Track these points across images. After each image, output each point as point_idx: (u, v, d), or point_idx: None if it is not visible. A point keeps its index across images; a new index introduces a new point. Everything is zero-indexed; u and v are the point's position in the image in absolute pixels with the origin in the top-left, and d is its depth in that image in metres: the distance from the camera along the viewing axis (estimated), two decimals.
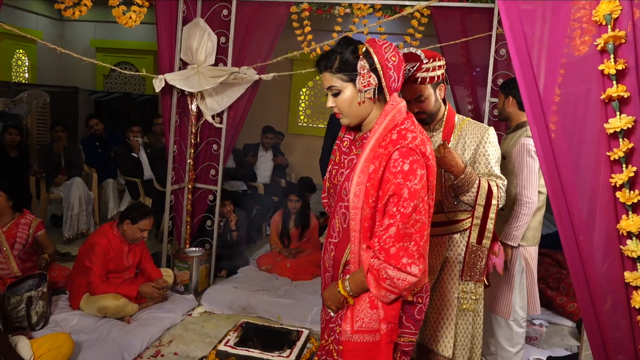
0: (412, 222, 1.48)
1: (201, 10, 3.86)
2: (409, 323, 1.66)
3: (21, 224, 3.60)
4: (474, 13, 3.54)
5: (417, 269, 1.48)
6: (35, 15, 9.66)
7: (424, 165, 1.51)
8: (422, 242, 1.50)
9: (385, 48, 1.57)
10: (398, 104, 1.58)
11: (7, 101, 6.65)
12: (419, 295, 1.66)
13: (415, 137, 1.53)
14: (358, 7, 3.66)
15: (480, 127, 2.13)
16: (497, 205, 2.03)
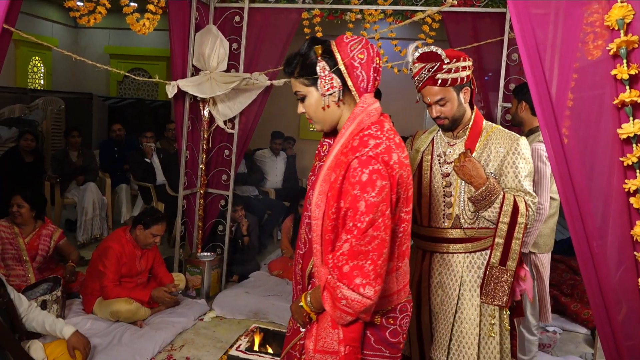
0: (369, 238, 1.32)
1: (213, 17, 3.90)
2: (380, 346, 1.50)
3: (43, 235, 3.63)
4: (485, 18, 3.53)
5: (371, 291, 1.32)
6: (51, 23, 9.81)
7: (386, 176, 1.34)
8: (379, 261, 1.33)
9: (351, 46, 1.43)
10: (368, 106, 1.44)
11: (23, 107, 6.76)
12: (390, 316, 1.50)
13: (378, 145, 1.38)
14: (369, 12, 3.67)
15: (510, 136, 1.93)
16: (524, 224, 1.84)
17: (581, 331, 3.68)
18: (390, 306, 1.49)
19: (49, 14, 9.68)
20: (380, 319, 1.49)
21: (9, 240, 3.48)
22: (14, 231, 3.51)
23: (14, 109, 6.62)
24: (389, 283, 1.47)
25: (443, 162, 1.98)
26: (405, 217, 1.47)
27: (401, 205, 1.44)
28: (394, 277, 1.49)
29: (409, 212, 1.48)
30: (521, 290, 1.94)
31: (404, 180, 1.42)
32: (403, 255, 1.50)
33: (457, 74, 1.85)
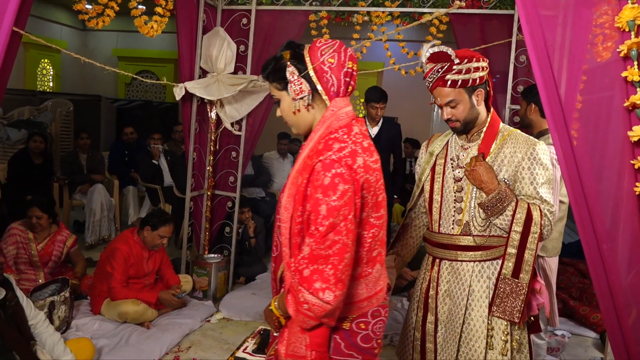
0: (329, 242, 1.31)
1: (221, 20, 3.91)
2: (351, 351, 1.48)
3: (57, 241, 3.66)
4: (493, 19, 3.52)
5: (331, 296, 1.31)
6: (60, 26, 9.89)
7: (349, 180, 1.33)
8: (341, 266, 1.32)
9: (322, 50, 1.44)
10: (338, 110, 1.44)
11: (32, 109, 6.82)
12: (360, 322, 1.48)
13: (342, 148, 1.37)
14: (376, 14, 3.67)
15: (527, 140, 1.82)
16: (538, 233, 1.73)
17: (590, 335, 3.65)
18: (360, 312, 1.48)
19: (58, 16, 9.76)
20: (349, 324, 1.47)
21: (22, 245, 3.51)
22: (28, 237, 3.54)
23: (23, 111, 6.68)
24: (357, 289, 1.46)
25: (456, 166, 1.91)
26: (375, 223, 1.45)
27: (369, 210, 1.42)
28: (363, 283, 1.47)
29: (379, 217, 1.46)
30: (539, 304, 1.83)
31: (370, 185, 1.41)
32: (374, 261, 1.48)
33: (468, 75, 1.76)
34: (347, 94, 1.48)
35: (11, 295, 2.55)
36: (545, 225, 1.75)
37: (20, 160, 5.05)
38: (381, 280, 1.54)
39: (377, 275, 1.50)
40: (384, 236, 1.52)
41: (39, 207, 3.53)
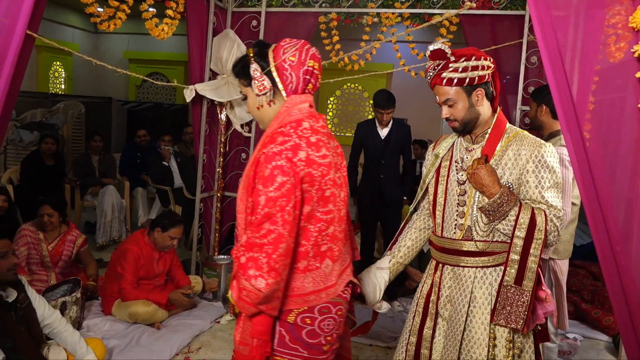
0: (264, 231, 1.36)
1: (231, 22, 3.93)
2: (295, 345, 1.50)
3: (67, 241, 3.70)
4: (504, 20, 3.50)
5: (262, 283, 1.35)
6: (72, 29, 9.99)
7: (289, 172, 1.37)
8: (275, 255, 1.36)
9: (285, 48, 1.51)
10: (292, 106, 1.49)
11: (45, 111, 6.89)
12: (306, 316, 1.50)
13: (285, 142, 1.42)
14: (386, 16, 3.66)
15: (533, 142, 1.72)
16: (542, 239, 1.65)
17: (602, 338, 3.61)
18: (306, 306, 1.49)
19: (70, 19, 9.86)
20: (294, 317, 1.49)
21: (33, 246, 3.55)
22: (38, 237, 3.58)
23: (35, 113, 6.75)
24: (303, 282, 1.48)
25: (460, 168, 1.86)
26: (321, 217, 1.47)
27: (314, 204, 1.45)
28: (310, 277, 1.49)
29: (327, 212, 1.48)
30: (546, 312, 1.76)
31: (314, 179, 1.43)
32: (323, 256, 1.50)
33: (465, 73, 1.71)
34: (306, 91, 1.53)
35: (23, 297, 2.57)
36: (551, 231, 1.67)
37: (32, 161, 5.10)
38: (333, 277, 1.54)
39: (327, 271, 1.51)
40: (337, 233, 1.53)
41: (50, 205, 3.57)
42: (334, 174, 1.51)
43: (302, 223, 1.44)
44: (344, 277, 1.61)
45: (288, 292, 1.47)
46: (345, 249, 1.64)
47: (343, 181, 1.59)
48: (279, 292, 1.42)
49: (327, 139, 1.53)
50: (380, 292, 1.97)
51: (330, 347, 1.56)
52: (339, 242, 1.55)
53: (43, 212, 3.56)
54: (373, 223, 4.19)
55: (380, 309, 2.02)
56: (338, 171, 1.55)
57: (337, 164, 1.56)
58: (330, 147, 1.52)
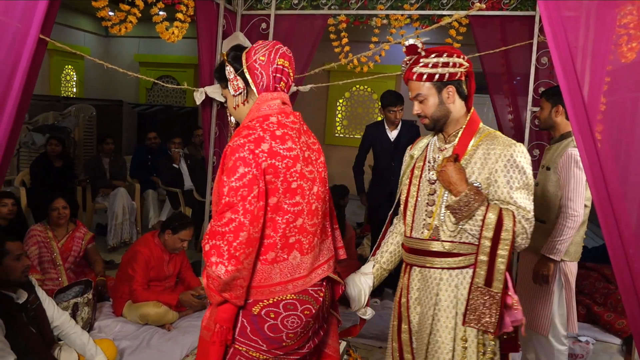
0: (226, 220, 1.42)
1: (240, 24, 3.94)
2: (256, 337, 1.53)
3: (76, 238, 3.75)
4: (514, 21, 3.48)
5: (222, 270, 1.41)
6: (83, 33, 10.09)
7: (250, 163, 1.42)
8: (235, 243, 1.41)
9: (256, 49, 1.57)
10: (262, 103, 1.55)
11: (57, 114, 6.96)
12: (270, 310, 1.53)
13: (249, 135, 1.47)
14: (395, 17, 3.66)
15: (504, 141, 1.72)
16: (509, 240, 1.63)
17: (615, 342, 3.57)
18: (271, 298, 1.52)
19: (81, 23, 9.95)
20: (259, 309, 1.52)
21: (44, 244, 3.59)
22: (47, 235, 3.62)
23: (47, 116, 6.82)
24: (270, 273, 1.51)
25: (431, 167, 1.84)
26: (289, 209, 1.50)
27: (280, 195, 1.48)
28: (277, 269, 1.52)
29: (295, 204, 1.52)
30: (514, 321, 1.70)
31: (277, 170, 1.47)
32: (291, 248, 1.53)
33: (435, 69, 1.70)
34: (278, 88, 1.58)
35: (33, 298, 2.60)
36: (519, 233, 1.64)
37: (40, 164, 5.14)
38: (302, 269, 1.56)
39: (295, 262, 1.54)
40: (306, 226, 1.56)
41: (63, 198, 3.62)
42: (303, 168, 1.54)
43: (269, 214, 1.48)
44: (319, 272, 1.62)
45: (254, 282, 1.51)
46: (322, 244, 1.66)
47: (318, 176, 1.62)
48: (241, 281, 1.46)
49: (297, 133, 1.57)
50: (365, 297, 1.96)
51: (292, 345, 1.57)
52: (308, 235, 1.57)
53: (57, 205, 3.60)
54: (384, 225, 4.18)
55: (365, 314, 1.99)
56: (310, 165, 1.58)
57: (308, 158, 1.58)
58: (300, 142, 1.56)
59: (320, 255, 1.65)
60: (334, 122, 9.00)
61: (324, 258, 1.66)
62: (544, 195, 2.67)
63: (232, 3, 3.91)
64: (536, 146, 3.46)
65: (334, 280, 1.74)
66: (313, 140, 1.66)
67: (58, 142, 5.21)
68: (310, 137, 1.65)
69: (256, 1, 3.95)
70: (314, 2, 3.82)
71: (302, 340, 1.60)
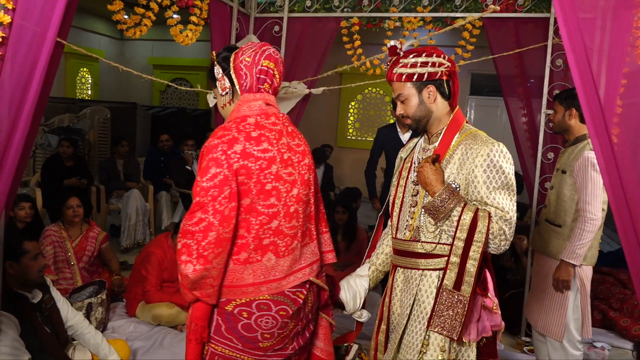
0: (196, 220, 1.43)
1: (253, 27, 3.96)
2: (231, 336, 1.54)
3: (90, 237, 3.79)
4: (528, 23, 3.45)
5: (190, 268, 1.43)
6: (98, 36, 10.21)
7: (222, 164, 1.44)
8: (204, 243, 1.42)
9: (244, 50, 1.59)
10: (242, 104, 1.57)
11: (72, 116, 7.05)
12: (244, 309, 1.52)
13: (223, 135, 1.48)
14: (408, 20, 3.65)
15: (484, 141, 1.68)
16: (482, 242, 1.58)
17: (631, 348, 3.52)
18: (244, 298, 1.52)
19: (97, 27, 10.07)
20: (232, 308, 1.52)
21: (58, 244, 3.63)
22: (62, 235, 3.66)
23: (63, 118, 6.91)
24: (242, 273, 1.51)
25: (416, 168, 1.82)
26: (263, 211, 1.50)
27: (253, 196, 1.49)
28: (250, 269, 1.52)
29: (269, 206, 1.51)
30: (494, 325, 1.65)
31: (250, 171, 1.47)
32: (265, 250, 1.52)
33: (414, 69, 1.70)
34: (262, 90, 1.59)
35: (48, 298, 2.62)
36: (496, 235, 1.60)
37: (52, 164, 5.19)
38: (277, 272, 1.54)
39: (269, 265, 1.53)
40: (283, 228, 1.54)
41: (77, 197, 3.69)
42: (281, 169, 1.53)
43: (243, 215, 1.48)
44: (300, 275, 1.61)
45: (227, 281, 1.51)
46: (305, 247, 1.64)
47: (299, 178, 1.60)
48: (210, 280, 1.47)
49: (277, 135, 1.56)
50: (360, 300, 1.96)
51: (271, 345, 1.56)
52: (286, 238, 1.56)
53: (71, 204, 3.65)
54: None
55: (361, 317, 1.98)
56: (290, 167, 1.56)
57: (288, 160, 1.57)
58: (279, 143, 1.55)
59: (302, 259, 1.62)
60: (346, 125, 9.00)
61: (306, 262, 1.64)
62: (560, 199, 2.64)
63: (245, 6, 3.93)
64: (551, 149, 3.42)
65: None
66: (298, 142, 1.64)
67: (70, 144, 5.26)
68: (295, 139, 1.63)
69: (269, 4, 3.97)
70: (326, 4, 3.83)
71: (282, 341, 1.58)
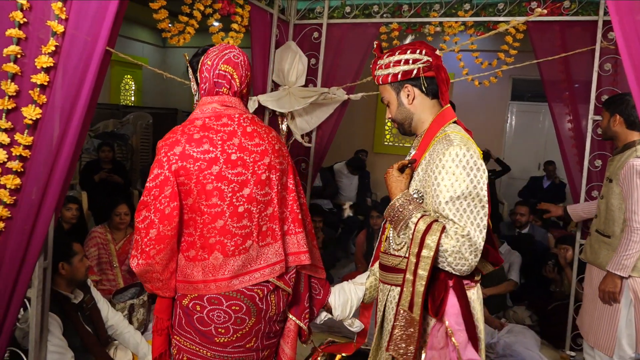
0: (141, 218, 1.52)
1: (293, 34, 4.00)
2: (189, 329, 1.59)
3: (133, 241, 3.87)
4: (575, 26, 3.34)
5: (135, 263, 1.53)
6: (142, 44, 10.51)
7: (163, 166, 1.50)
8: (146, 239, 1.51)
9: (209, 53, 1.63)
10: (199, 106, 1.62)
11: (116, 122, 7.27)
12: (197, 303, 1.57)
13: (168, 137, 1.55)
14: (449, 25, 3.60)
15: (448, 144, 1.49)
16: (430, 258, 1.40)
17: None
18: (196, 293, 1.57)
19: (140, 35, 10.37)
20: (187, 301, 1.58)
21: (102, 246, 3.74)
22: (107, 238, 3.77)
23: (108, 124, 7.14)
24: (192, 270, 1.57)
25: None
26: (206, 210, 1.53)
27: (196, 197, 1.53)
28: (199, 267, 1.56)
29: (212, 206, 1.53)
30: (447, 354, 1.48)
31: (189, 172, 1.51)
32: (212, 249, 1.54)
33: (388, 70, 1.59)
34: (218, 93, 1.62)
35: (89, 298, 2.70)
36: (451, 252, 1.40)
37: (91, 168, 5.36)
38: (226, 271, 1.55)
39: (217, 263, 1.55)
40: (231, 228, 1.55)
41: (127, 204, 3.80)
42: (225, 170, 1.53)
43: (189, 214, 1.55)
44: (257, 275, 1.60)
45: (180, 276, 1.59)
46: (265, 248, 1.62)
47: (254, 178, 1.58)
48: (156, 274, 1.56)
49: (227, 136, 1.56)
50: (350, 308, 1.88)
51: (228, 341, 1.58)
52: (234, 237, 1.55)
53: (119, 211, 3.75)
54: None
55: (352, 326, 1.91)
56: (239, 167, 1.56)
57: (237, 160, 1.56)
58: (226, 144, 1.55)
59: (260, 259, 1.61)
60: (383, 131, 8.94)
61: (266, 262, 1.62)
62: (608, 209, 2.55)
63: (285, 13, 3.97)
64: (598, 156, 3.30)
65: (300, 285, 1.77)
66: (258, 142, 1.61)
67: (110, 149, 5.42)
68: (255, 139, 1.61)
69: (309, 11, 3.99)
70: (366, 10, 3.82)
71: (243, 337, 1.59)
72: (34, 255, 1.86)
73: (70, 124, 1.74)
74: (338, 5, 3.88)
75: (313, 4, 3.95)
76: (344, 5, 3.85)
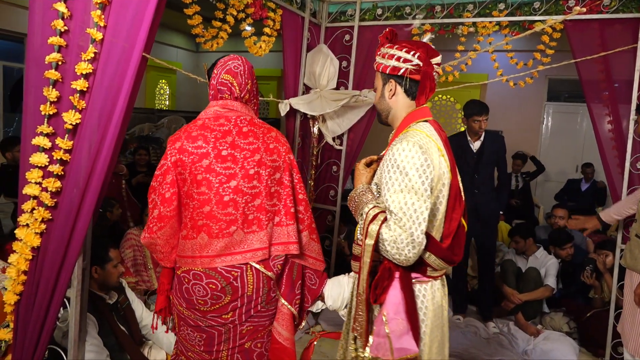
0: (151, 199, 1.81)
1: (324, 37, 4.00)
2: (180, 295, 1.87)
3: None
4: (615, 24, 3.23)
5: (142, 236, 1.84)
6: (175, 49, 10.72)
7: (167, 157, 1.78)
8: (151, 217, 1.81)
9: (218, 64, 1.89)
10: (205, 109, 1.88)
11: (151, 126, 7.45)
12: (184, 276, 1.82)
13: (175, 134, 1.84)
14: (483, 25, 3.54)
15: (399, 139, 1.57)
16: (371, 246, 1.46)
17: None
18: (186, 267, 1.82)
19: (174, 40, 10.59)
20: (180, 272, 1.84)
21: (138, 248, 3.82)
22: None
23: (143, 128, 7.32)
24: (183, 246, 1.82)
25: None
26: (196, 197, 1.77)
27: (189, 185, 1.77)
28: (189, 244, 1.80)
29: (201, 193, 1.76)
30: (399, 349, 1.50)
31: (184, 164, 1.76)
32: (199, 230, 1.77)
33: (382, 59, 1.66)
34: (222, 98, 1.86)
35: (123, 298, 2.75)
36: (389, 241, 1.44)
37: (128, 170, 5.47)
38: (210, 250, 1.77)
39: (203, 242, 1.77)
40: (216, 213, 1.75)
41: None
42: (214, 163, 1.75)
43: (185, 199, 1.80)
44: (238, 257, 1.79)
45: (178, 252, 1.85)
46: (250, 235, 1.80)
47: (242, 172, 1.77)
48: (159, 247, 1.84)
49: (221, 135, 1.79)
50: (342, 300, 1.96)
51: (207, 311, 1.81)
52: (219, 222, 1.76)
53: None
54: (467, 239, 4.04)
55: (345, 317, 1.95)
56: (229, 162, 1.76)
57: (228, 156, 1.77)
58: (219, 141, 1.77)
59: (244, 244, 1.80)
60: None
61: (249, 247, 1.81)
62: None
63: (316, 16, 3.98)
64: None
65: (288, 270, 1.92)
66: (252, 140, 1.82)
67: (146, 152, 5.54)
68: (249, 138, 1.81)
69: (340, 13, 3.99)
70: (397, 12, 3.80)
71: (219, 310, 1.81)
72: (73, 255, 1.92)
73: (109, 128, 1.78)
74: (369, 8, 3.87)
75: (344, 6, 3.95)
76: (376, 7, 3.84)
